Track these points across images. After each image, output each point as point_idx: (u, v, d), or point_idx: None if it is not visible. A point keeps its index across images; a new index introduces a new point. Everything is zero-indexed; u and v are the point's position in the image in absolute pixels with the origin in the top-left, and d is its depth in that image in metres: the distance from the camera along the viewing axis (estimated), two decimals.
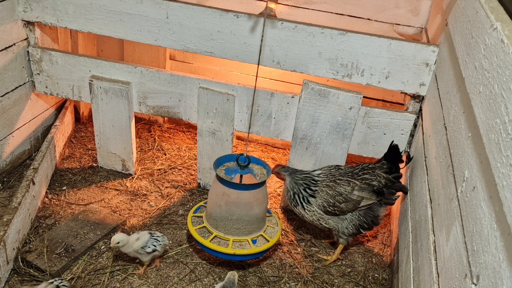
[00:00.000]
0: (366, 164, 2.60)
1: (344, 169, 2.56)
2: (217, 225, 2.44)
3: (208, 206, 2.50)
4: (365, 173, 2.52)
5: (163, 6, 2.62)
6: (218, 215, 2.41)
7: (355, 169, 2.55)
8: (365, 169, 2.55)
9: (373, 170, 2.53)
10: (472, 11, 1.86)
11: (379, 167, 2.55)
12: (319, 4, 3.31)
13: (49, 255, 2.42)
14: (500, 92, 1.30)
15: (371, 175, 2.51)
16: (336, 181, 2.47)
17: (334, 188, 2.46)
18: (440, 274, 1.62)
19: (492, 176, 1.24)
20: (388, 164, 2.55)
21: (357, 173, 2.52)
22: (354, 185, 2.46)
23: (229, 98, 2.77)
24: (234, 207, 2.37)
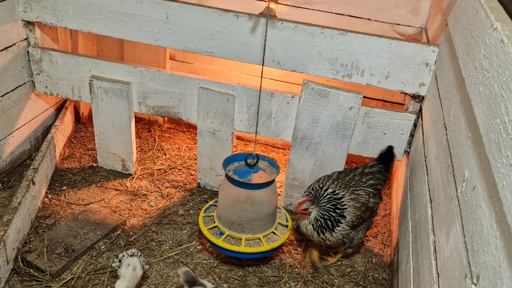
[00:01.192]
0: (361, 168, 2.58)
1: (345, 176, 2.53)
2: (232, 227, 2.46)
3: (219, 206, 2.51)
4: (368, 179, 2.52)
5: (163, 6, 2.62)
6: (237, 217, 2.43)
7: (355, 176, 2.53)
8: (365, 174, 2.54)
9: (374, 175, 2.55)
10: (472, 11, 1.86)
11: (378, 171, 2.57)
12: (319, 4, 3.31)
13: (49, 255, 2.42)
14: (500, 92, 1.30)
15: (374, 180, 2.52)
16: (354, 192, 2.43)
17: (358, 200, 2.41)
18: (440, 274, 1.62)
19: (492, 176, 1.24)
20: (385, 167, 2.60)
21: (361, 180, 2.51)
22: (370, 193, 2.46)
23: (229, 98, 2.77)
24: (253, 207, 2.41)
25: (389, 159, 2.65)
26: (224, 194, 2.46)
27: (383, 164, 2.62)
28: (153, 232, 2.74)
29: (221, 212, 2.50)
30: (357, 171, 2.56)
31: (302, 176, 2.91)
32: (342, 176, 2.52)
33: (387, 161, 2.64)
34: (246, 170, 2.45)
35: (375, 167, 2.59)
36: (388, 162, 2.64)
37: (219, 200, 2.52)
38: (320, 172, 2.85)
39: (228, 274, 2.52)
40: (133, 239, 2.67)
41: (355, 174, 2.54)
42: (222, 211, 2.49)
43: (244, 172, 2.43)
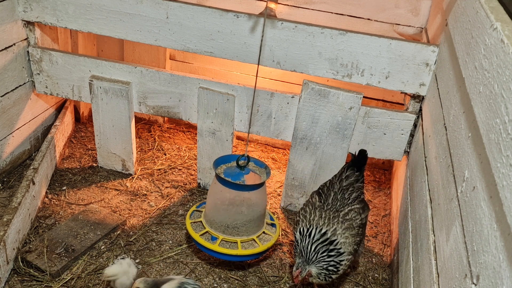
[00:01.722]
0: (338, 183, 2.42)
1: (327, 199, 2.36)
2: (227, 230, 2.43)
3: (210, 211, 2.47)
4: (350, 192, 2.38)
5: (163, 6, 2.62)
6: (233, 220, 2.41)
7: (336, 194, 2.37)
8: (345, 188, 2.39)
9: (352, 186, 2.41)
10: (472, 11, 1.86)
11: (355, 180, 2.44)
12: (319, 4, 3.31)
13: (49, 255, 2.42)
14: (500, 92, 1.30)
15: (355, 191, 2.39)
16: (345, 218, 2.25)
17: (352, 226, 2.24)
18: (440, 274, 1.62)
19: (492, 176, 1.24)
20: (360, 173, 2.47)
21: (344, 197, 2.35)
22: (359, 209, 2.32)
23: (229, 98, 2.77)
24: (249, 209, 2.39)
25: (362, 163, 2.51)
26: (216, 198, 2.41)
27: (357, 170, 2.47)
28: (153, 232, 2.74)
29: (213, 216, 2.43)
30: (335, 187, 2.40)
31: (302, 176, 2.91)
32: (324, 199, 2.36)
33: (361, 165, 2.51)
34: (238, 172, 2.43)
35: (351, 177, 2.44)
36: (362, 167, 2.51)
37: (210, 204, 2.45)
38: (320, 172, 2.86)
39: (228, 274, 2.52)
40: (133, 239, 2.67)
41: (335, 192, 2.38)
42: (214, 216, 2.43)
43: (236, 174, 2.41)
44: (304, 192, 2.96)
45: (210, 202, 2.45)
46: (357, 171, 2.47)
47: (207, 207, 2.48)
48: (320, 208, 2.31)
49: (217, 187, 2.40)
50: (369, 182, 3.49)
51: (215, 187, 2.41)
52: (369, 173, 3.59)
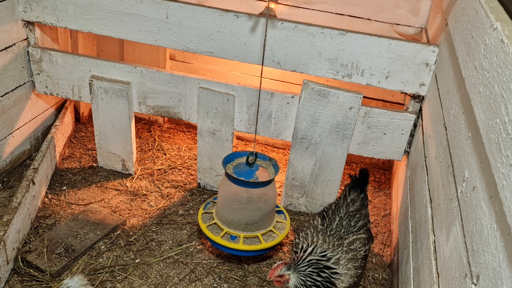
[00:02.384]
0: (345, 207, 2.28)
1: (331, 223, 2.22)
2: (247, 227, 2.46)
3: (225, 212, 2.48)
4: (357, 220, 2.25)
5: (163, 6, 2.62)
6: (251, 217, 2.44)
7: (342, 220, 2.22)
8: (351, 215, 2.25)
9: (359, 212, 2.29)
10: (472, 11, 1.86)
11: (361, 205, 2.32)
12: (319, 4, 3.31)
13: (49, 255, 2.42)
14: (500, 92, 1.30)
15: (362, 219, 2.26)
16: (350, 247, 2.10)
17: (356, 258, 2.08)
18: (440, 274, 1.62)
19: (492, 176, 1.24)
20: (364, 195, 2.36)
21: (350, 224, 2.22)
22: (365, 239, 2.19)
23: (229, 98, 2.77)
24: (266, 203, 2.43)
25: (364, 183, 2.41)
26: (232, 199, 2.42)
27: (361, 191, 2.36)
28: (153, 232, 2.74)
29: (229, 217, 2.45)
30: (341, 212, 2.27)
31: (302, 176, 2.91)
32: (327, 223, 2.22)
33: (363, 185, 2.40)
34: (249, 170, 2.45)
35: (357, 202, 2.32)
36: (364, 186, 2.41)
37: (224, 205, 2.47)
38: (320, 172, 2.86)
39: (228, 274, 2.52)
40: (133, 239, 2.67)
41: (340, 217, 2.24)
42: (231, 216, 2.45)
43: (247, 172, 2.44)
44: (304, 192, 2.96)
45: (225, 204, 2.47)
46: (361, 192, 2.37)
47: (221, 209, 2.50)
48: (323, 232, 2.17)
49: (231, 188, 2.41)
50: (369, 182, 3.48)
51: (228, 189, 2.43)
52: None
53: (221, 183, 2.49)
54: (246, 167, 2.46)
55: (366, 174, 2.42)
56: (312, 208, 3.01)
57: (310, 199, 2.98)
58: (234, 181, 2.38)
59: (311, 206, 3.01)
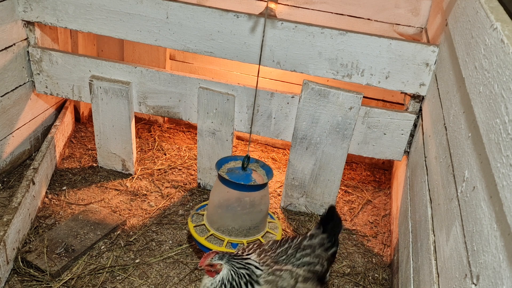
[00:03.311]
0: (299, 239, 2.04)
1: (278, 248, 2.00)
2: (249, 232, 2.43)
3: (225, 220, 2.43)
4: (304, 255, 1.97)
5: (163, 6, 2.62)
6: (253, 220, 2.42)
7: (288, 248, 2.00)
8: (302, 248, 2.00)
9: (313, 249, 2.00)
10: (472, 11, 1.86)
11: (319, 244, 2.02)
12: (319, 4, 3.31)
13: (49, 255, 2.42)
14: (500, 92, 1.30)
15: (312, 257, 1.97)
16: (275, 273, 1.86)
17: (276, 285, 1.85)
18: (440, 274, 1.62)
19: (492, 176, 1.24)
20: (329, 237, 2.04)
21: (294, 255, 1.96)
22: (298, 276, 1.89)
23: (229, 98, 2.77)
24: (265, 205, 2.42)
25: (333, 225, 2.07)
26: (234, 206, 2.38)
27: (327, 233, 2.06)
28: (153, 232, 2.74)
29: (230, 225, 2.39)
30: (293, 242, 2.03)
31: (302, 176, 2.91)
32: (275, 247, 2.00)
33: (332, 227, 2.06)
34: (245, 174, 2.43)
35: (315, 238, 2.04)
36: (334, 229, 2.07)
37: (224, 214, 2.39)
38: (320, 172, 2.86)
39: None
40: (133, 239, 2.67)
41: (290, 246, 2.00)
42: (232, 223, 2.39)
43: (244, 176, 2.42)
44: (304, 192, 2.96)
45: (225, 212, 2.39)
46: (324, 231, 2.06)
47: (220, 218, 2.41)
48: (264, 251, 1.97)
49: (232, 195, 2.35)
50: (369, 182, 3.49)
51: (229, 196, 2.36)
52: (369, 173, 3.59)
53: (217, 192, 2.40)
54: (240, 172, 2.44)
55: (331, 212, 2.09)
56: (312, 208, 3.01)
57: (310, 199, 2.98)
58: (237, 187, 2.33)
59: (311, 206, 3.01)
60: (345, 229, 2.95)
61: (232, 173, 2.42)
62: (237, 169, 2.45)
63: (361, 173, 3.58)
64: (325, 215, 2.09)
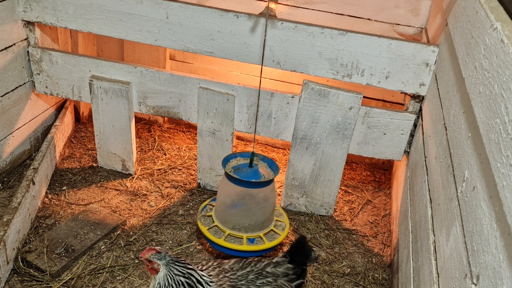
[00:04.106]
0: (263, 264, 1.94)
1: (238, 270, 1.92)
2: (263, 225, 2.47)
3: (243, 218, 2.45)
4: (264, 283, 1.87)
5: (163, 6, 2.62)
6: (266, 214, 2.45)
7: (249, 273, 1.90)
8: (264, 274, 1.89)
9: (275, 278, 1.90)
10: (472, 11, 1.86)
11: (284, 274, 1.92)
12: (319, 4, 3.31)
13: (49, 255, 2.42)
14: (500, 92, 1.30)
15: (272, 286, 1.87)
16: None
17: None
18: (440, 274, 1.62)
19: (492, 176, 1.24)
20: (294, 269, 1.94)
21: (254, 282, 1.86)
22: None
23: (229, 98, 2.77)
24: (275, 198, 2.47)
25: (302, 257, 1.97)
26: (250, 203, 2.39)
27: (293, 263, 1.96)
28: (153, 232, 2.74)
29: (248, 221, 2.41)
30: (256, 266, 1.93)
31: (302, 176, 2.91)
32: (236, 268, 1.91)
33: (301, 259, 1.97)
34: (253, 170, 2.45)
35: (280, 267, 1.93)
36: (302, 259, 1.97)
37: (241, 212, 2.40)
38: (320, 172, 2.86)
39: None
40: (133, 239, 2.67)
41: (252, 270, 1.91)
42: (249, 220, 2.41)
43: (252, 172, 2.44)
44: (304, 192, 2.96)
45: (239, 211, 2.41)
46: (291, 262, 1.96)
47: (235, 217, 2.42)
48: (224, 270, 1.88)
49: (245, 193, 2.37)
50: (369, 182, 3.49)
51: (242, 195, 2.38)
52: (369, 173, 3.59)
53: (228, 193, 2.40)
54: (247, 169, 2.46)
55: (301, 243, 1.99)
56: (312, 208, 3.01)
57: (310, 199, 2.98)
58: (253, 185, 2.36)
59: (311, 206, 3.01)
60: (345, 229, 2.95)
61: (240, 172, 2.45)
62: (242, 167, 2.47)
63: (361, 173, 3.58)
64: (294, 245, 1.98)
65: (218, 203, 2.52)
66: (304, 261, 1.98)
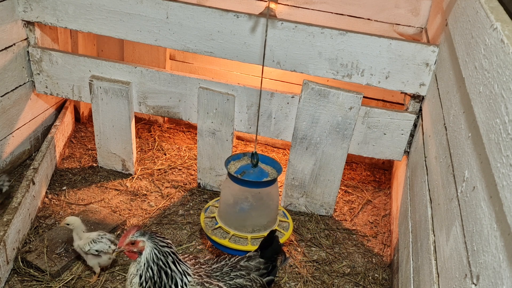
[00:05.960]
0: (237, 259, 1.98)
1: (214, 263, 1.94)
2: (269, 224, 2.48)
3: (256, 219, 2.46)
4: (237, 275, 1.91)
5: (163, 6, 2.62)
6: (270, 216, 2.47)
7: (224, 266, 1.93)
8: (237, 268, 1.94)
9: (248, 272, 1.94)
10: (472, 11, 1.86)
11: (256, 268, 1.95)
12: (319, 4, 3.31)
13: (49, 255, 2.42)
14: (500, 92, 1.30)
15: (246, 280, 1.90)
16: (204, 285, 1.80)
17: None
18: (440, 274, 1.62)
19: (492, 176, 1.24)
20: (265, 263, 1.97)
21: (229, 274, 1.90)
22: None
23: (229, 98, 2.77)
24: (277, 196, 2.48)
25: (272, 252, 2.00)
26: (261, 203, 2.41)
27: (264, 258, 1.98)
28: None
29: (258, 221, 2.43)
30: (231, 260, 1.97)
31: (302, 176, 2.91)
32: (211, 262, 1.93)
33: (271, 254, 1.99)
34: (259, 170, 2.46)
35: (252, 261, 1.97)
36: (273, 255, 2.00)
37: (254, 213, 2.41)
38: (320, 172, 2.86)
39: None
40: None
41: (226, 264, 1.94)
42: (261, 220, 2.44)
43: (258, 172, 2.45)
44: (304, 192, 2.96)
45: (255, 211, 2.42)
46: (262, 256, 1.99)
47: (250, 219, 2.44)
48: (199, 263, 1.89)
49: (261, 193, 2.39)
50: (369, 182, 3.49)
51: (257, 195, 2.40)
52: (369, 173, 3.59)
53: (234, 196, 2.40)
54: (251, 170, 2.46)
55: (271, 237, 2.01)
56: (312, 208, 3.01)
57: (310, 199, 2.98)
58: (264, 184, 2.38)
59: (311, 206, 3.01)
60: (345, 229, 2.95)
61: (248, 172, 2.45)
62: (244, 169, 2.47)
63: (361, 173, 3.58)
64: (265, 240, 2.01)
65: (224, 206, 2.49)
66: (274, 257, 2.01)
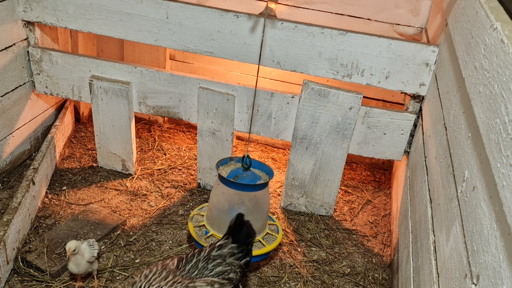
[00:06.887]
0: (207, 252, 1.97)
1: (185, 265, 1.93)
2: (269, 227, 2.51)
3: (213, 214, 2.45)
4: (216, 264, 1.92)
5: (163, 6, 2.62)
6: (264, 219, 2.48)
7: (198, 262, 1.93)
8: (212, 258, 1.94)
9: (223, 258, 1.95)
10: (472, 11, 1.86)
11: (230, 254, 1.97)
12: (319, 4, 3.31)
13: (49, 255, 2.42)
14: (500, 92, 1.30)
15: (224, 266, 1.93)
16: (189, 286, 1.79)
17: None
18: (440, 274, 1.62)
19: (492, 176, 1.24)
20: (239, 247, 2.00)
21: (207, 267, 1.92)
22: (214, 283, 1.86)
23: (229, 98, 2.77)
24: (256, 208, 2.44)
25: (245, 234, 2.02)
26: (258, 206, 2.41)
27: (236, 242, 2.00)
28: (153, 232, 2.74)
29: (258, 223, 2.41)
30: (201, 255, 1.95)
31: (302, 176, 2.91)
32: (183, 264, 1.91)
33: (242, 236, 2.01)
34: (252, 174, 2.46)
35: (224, 248, 1.98)
36: (243, 238, 2.01)
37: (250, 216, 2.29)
38: (320, 172, 2.86)
39: None
40: (133, 239, 2.67)
41: (199, 260, 1.94)
42: (259, 221, 2.43)
43: (252, 176, 2.45)
44: (304, 192, 2.96)
45: (251, 215, 2.36)
46: (234, 241, 2.00)
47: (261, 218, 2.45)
48: (172, 272, 1.85)
49: (257, 196, 2.39)
50: (369, 182, 3.49)
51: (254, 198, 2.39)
52: (369, 173, 3.59)
53: (228, 199, 2.39)
54: (244, 174, 2.45)
55: (240, 220, 2.03)
56: (312, 208, 3.01)
57: (310, 199, 2.98)
58: (260, 186, 2.38)
59: (311, 206, 3.01)
60: (345, 229, 2.95)
61: (241, 176, 2.44)
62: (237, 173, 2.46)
63: (361, 173, 3.58)
64: (234, 224, 2.02)
65: (215, 212, 2.45)
66: (248, 240, 2.04)
